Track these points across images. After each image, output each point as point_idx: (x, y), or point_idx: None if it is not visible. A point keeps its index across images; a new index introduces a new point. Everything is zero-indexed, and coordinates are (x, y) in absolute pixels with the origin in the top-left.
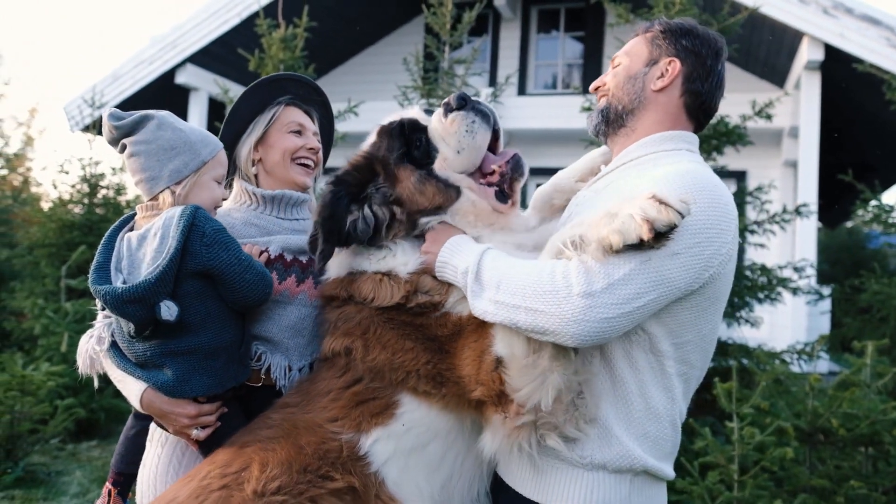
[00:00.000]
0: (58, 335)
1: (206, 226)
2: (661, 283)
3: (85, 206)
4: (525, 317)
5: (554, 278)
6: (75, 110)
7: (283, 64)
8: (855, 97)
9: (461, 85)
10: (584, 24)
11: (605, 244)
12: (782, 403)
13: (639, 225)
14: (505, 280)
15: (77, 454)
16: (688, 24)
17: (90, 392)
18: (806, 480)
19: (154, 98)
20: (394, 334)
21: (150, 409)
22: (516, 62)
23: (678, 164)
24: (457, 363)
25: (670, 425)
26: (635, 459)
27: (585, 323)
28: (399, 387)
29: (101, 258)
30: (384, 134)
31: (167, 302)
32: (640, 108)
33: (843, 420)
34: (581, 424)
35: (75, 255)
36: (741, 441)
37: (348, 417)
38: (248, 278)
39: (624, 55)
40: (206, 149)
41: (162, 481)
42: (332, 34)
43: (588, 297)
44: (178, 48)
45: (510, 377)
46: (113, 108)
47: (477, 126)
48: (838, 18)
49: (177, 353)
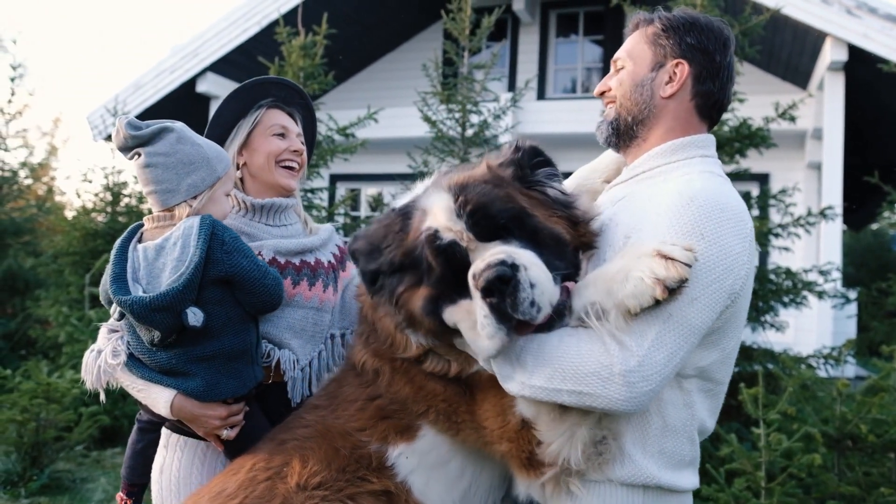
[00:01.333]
0: (82, 343)
1: (224, 234)
2: (688, 333)
3: (108, 214)
4: (569, 398)
5: (591, 360)
6: (98, 119)
7: (303, 72)
8: (880, 97)
9: (480, 90)
10: (603, 27)
11: (622, 311)
12: (809, 409)
13: (651, 287)
14: (539, 363)
15: (101, 461)
16: (690, 16)
17: (113, 399)
18: (835, 487)
19: (175, 107)
20: (419, 374)
21: (181, 414)
22: (535, 67)
23: (687, 184)
24: (479, 412)
25: (688, 440)
26: (649, 477)
27: (632, 399)
28: (420, 418)
29: (118, 269)
30: (430, 243)
31: (193, 308)
32: (651, 117)
33: (871, 426)
34: (605, 468)
35: (99, 263)
36: (768, 447)
37: (375, 429)
38: (267, 283)
39: (626, 57)
40: (220, 164)
41: (185, 484)
42: (350, 41)
43: (627, 376)
44: (198, 57)
45: (539, 433)
46: (131, 117)
47: (489, 324)
48: (862, 18)
49: (202, 358)
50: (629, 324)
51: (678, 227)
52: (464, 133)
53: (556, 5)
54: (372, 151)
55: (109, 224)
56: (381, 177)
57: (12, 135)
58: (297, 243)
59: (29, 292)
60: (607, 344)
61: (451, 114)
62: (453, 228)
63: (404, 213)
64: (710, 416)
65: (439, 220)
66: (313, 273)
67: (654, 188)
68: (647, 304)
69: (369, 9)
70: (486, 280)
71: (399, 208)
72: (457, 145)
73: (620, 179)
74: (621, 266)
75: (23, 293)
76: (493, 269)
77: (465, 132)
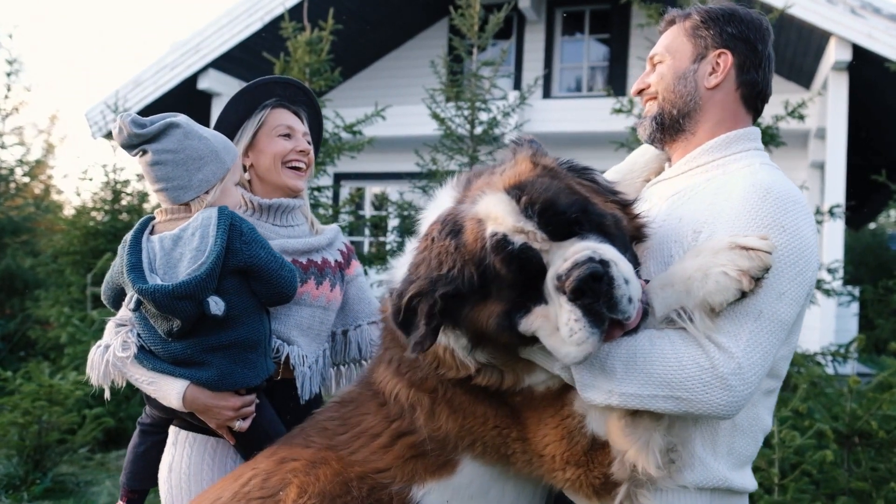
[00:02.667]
0: (84, 343)
1: (242, 225)
2: (780, 329)
3: (109, 213)
4: (665, 405)
5: (690, 364)
6: (98, 116)
7: (309, 67)
8: (883, 98)
9: (489, 87)
10: (610, 26)
11: (706, 310)
12: (819, 406)
13: (736, 280)
14: (631, 368)
15: (106, 463)
16: (728, 7)
17: (117, 401)
18: (845, 483)
19: (176, 104)
20: (466, 398)
21: (194, 406)
22: (541, 65)
23: (756, 176)
24: (535, 439)
25: (753, 439)
26: (720, 479)
27: (732, 404)
28: (464, 452)
29: (134, 259)
30: (499, 249)
31: (215, 297)
32: (697, 110)
33: (881, 422)
34: (676, 476)
35: (101, 262)
36: (782, 444)
37: (400, 469)
38: (284, 275)
39: (665, 52)
40: (228, 155)
41: (196, 481)
42: (355, 38)
43: (728, 379)
44: (200, 53)
45: (614, 445)
46: (134, 114)
47: (581, 328)
48: (866, 19)
49: (218, 347)
50: (717, 324)
51: (757, 220)
52: (472, 131)
53: (562, 3)
54: (377, 149)
55: (110, 223)
56: (386, 175)
57: (8, 132)
58: (304, 242)
59: (28, 292)
60: (704, 346)
61: (460, 111)
62: (524, 230)
63: (450, 231)
64: (768, 413)
65: (505, 223)
66: (320, 272)
67: (717, 181)
68: (733, 299)
69: (374, 5)
70: (577, 280)
71: (442, 229)
72: (465, 143)
73: (670, 174)
74: (699, 264)
75: (22, 293)
76: (583, 268)
77: (474, 130)
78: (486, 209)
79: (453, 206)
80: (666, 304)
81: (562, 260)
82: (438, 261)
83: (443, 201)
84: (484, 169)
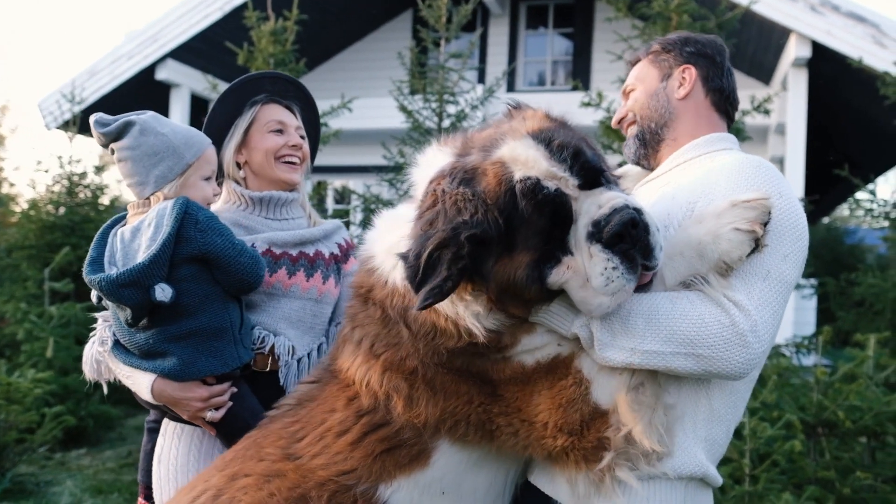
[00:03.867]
0: (42, 340)
1: (199, 213)
2: (786, 290)
3: (66, 206)
4: (685, 362)
5: (712, 321)
6: (53, 106)
7: (274, 58)
8: (841, 94)
9: (458, 80)
10: (573, 20)
11: (721, 269)
12: (786, 397)
13: (748, 232)
14: (653, 326)
15: (66, 463)
16: (682, 34)
17: (77, 399)
18: (811, 473)
19: (134, 94)
20: (449, 378)
21: (162, 398)
22: (505, 59)
23: (742, 156)
24: (525, 409)
25: (726, 430)
26: (697, 466)
27: (749, 362)
28: (444, 436)
29: (95, 253)
30: (532, 194)
31: (162, 284)
32: (673, 119)
33: (847, 412)
34: (657, 463)
35: (58, 257)
36: (753, 436)
37: (367, 468)
38: (242, 262)
39: (636, 81)
40: (189, 151)
41: (183, 473)
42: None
43: (746, 336)
44: (157, 43)
45: (621, 417)
46: (99, 114)
47: (619, 276)
48: (825, 16)
49: (178, 337)
50: (732, 282)
51: (753, 186)
52: (440, 124)
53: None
54: (345, 142)
55: (67, 216)
56: (350, 169)
57: None
58: (294, 234)
59: None
60: (723, 304)
61: (428, 104)
62: (557, 175)
63: (463, 179)
64: (743, 403)
65: (538, 166)
66: (311, 264)
67: (705, 166)
68: (748, 251)
69: None
70: (619, 225)
71: (452, 179)
72: (434, 136)
73: (657, 174)
74: (707, 229)
75: None
76: (623, 213)
77: (442, 123)
78: (513, 153)
79: (454, 160)
80: (677, 272)
81: (596, 207)
82: (457, 208)
83: (436, 159)
84: (480, 127)
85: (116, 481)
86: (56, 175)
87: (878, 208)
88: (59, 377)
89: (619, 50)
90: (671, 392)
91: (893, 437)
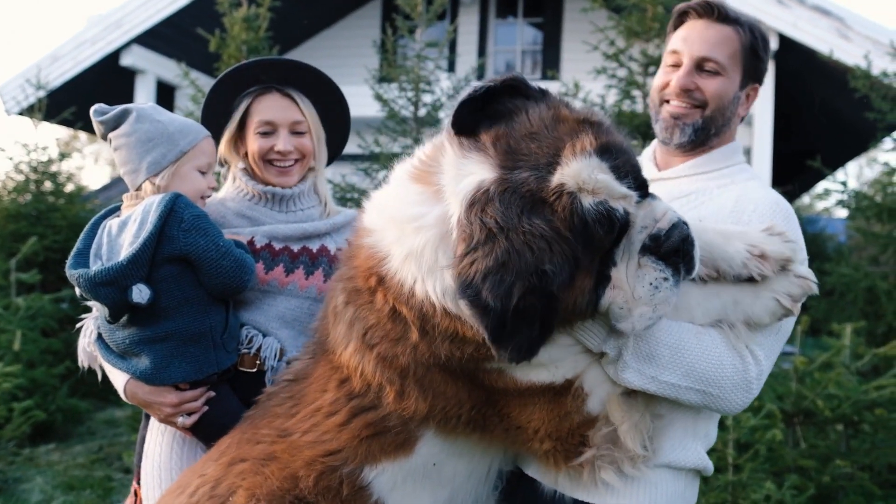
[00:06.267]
0: (9, 333)
1: (185, 212)
2: (783, 340)
3: (33, 194)
4: (693, 397)
5: (728, 366)
6: (16, 90)
7: (247, 45)
8: (806, 86)
9: (434, 69)
10: (542, 10)
11: (750, 324)
12: (765, 387)
13: (788, 308)
14: (676, 359)
15: (35, 459)
16: (765, 30)
17: (44, 392)
18: (791, 461)
19: (98, 80)
20: (441, 378)
21: (134, 400)
22: (475, 48)
23: (766, 191)
24: (518, 416)
25: (715, 424)
26: (699, 459)
27: (745, 405)
28: (431, 428)
29: (82, 245)
30: (607, 220)
31: (140, 285)
32: (725, 128)
33: (825, 401)
34: (641, 467)
35: (25, 247)
36: (737, 425)
37: (354, 450)
38: (224, 265)
39: (727, 64)
40: (184, 139)
41: (166, 469)
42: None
43: (752, 383)
44: (122, 28)
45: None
46: (99, 105)
47: (668, 287)
48: (791, 8)
49: (153, 339)
50: (755, 334)
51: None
52: (416, 112)
53: None
54: None
55: (34, 205)
56: None
57: None
58: (298, 228)
59: None
60: (741, 351)
61: (403, 93)
62: (625, 196)
63: (526, 208)
64: None
65: (609, 191)
66: (312, 261)
67: (730, 191)
68: (777, 321)
69: None
70: (678, 240)
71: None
72: (409, 125)
73: (670, 175)
74: (750, 287)
75: None
76: (680, 229)
77: (418, 112)
78: (579, 178)
79: (499, 175)
80: (709, 314)
81: (652, 220)
82: (532, 251)
83: (468, 167)
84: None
85: (88, 477)
86: (20, 162)
87: (848, 198)
88: (27, 370)
89: (595, 41)
90: (662, 405)
91: (869, 426)
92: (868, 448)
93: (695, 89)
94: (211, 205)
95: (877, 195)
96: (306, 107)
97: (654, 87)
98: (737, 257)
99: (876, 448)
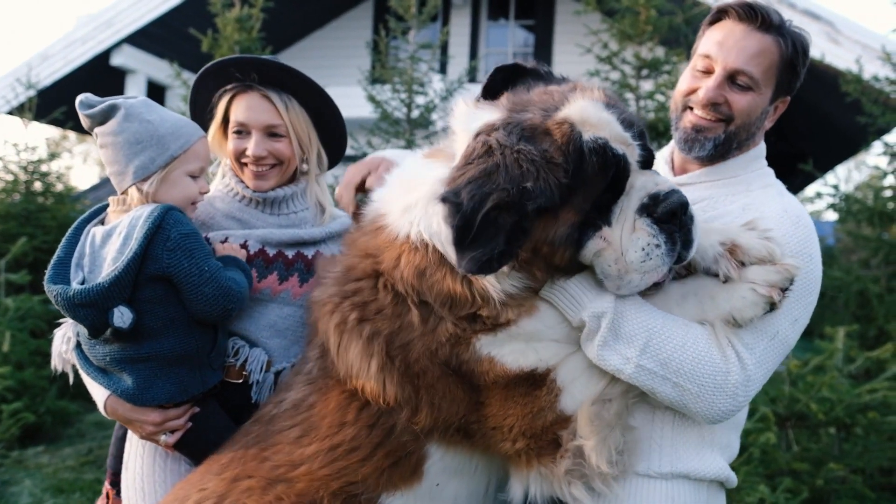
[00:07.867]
0: None
1: (172, 230)
2: (784, 351)
3: (22, 194)
4: (671, 390)
5: (709, 362)
6: (6, 89)
7: (239, 45)
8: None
9: (427, 70)
10: (534, 13)
11: (728, 321)
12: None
13: (766, 296)
14: (655, 344)
15: (24, 461)
16: (807, 40)
17: (33, 394)
18: (785, 464)
19: (89, 80)
20: (448, 382)
21: (115, 416)
22: (467, 49)
23: (780, 199)
24: (496, 414)
25: (737, 434)
26: (720, 470)
27: (728, 412)
28: (434, 441)
29: (63, 253)
30: (602, 153)
31: (122, 308)
32: (750, 140)
33: (818, 404)
34: (611, 483)
35: (15, 247)
36: None
37: (375, 481)
38: (205, 291)
39: (761, 80)
40: (176, 142)
41: (149, 481)
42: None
43: (735, 388)
44: (113, 28)
45: (579, 429)
46: (86, 95)
47: (659, 255)
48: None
49: (136, 359)
50: (739, 333)
51: (789, 245)
52: (409, 114)
53: None
54: None
55: (23, 204)
56: None
57: None
58: (293, 234)
59: None
60: (725, 351)
61: (396, 94)
62: (627, 142)
63: (523, 136)
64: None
65: (611, 130)
66: (307, 268)
67: (742, 198)
68: (761, 314)
69: None
70: (675, 203)
71: (509, 133)
72: (402, 126)
73: (685, 181)
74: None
75: None
76: (679, 195)
77: (411, 113)
78: (583, 113)
79: (506, 114)
80: (687, 314)
81: (653, 183)
82: (520, 168)
83: (479, 114)
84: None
85: (78, 480)
86: (9, 162)
87: (839, 202)
88: (16, 372)
89: (588, 43)
90: (635, 416)
91: (862, 429)
92: (861, 451)
93: (723, 103)
94: (200, 204)
95: (868, 199)
96: (287, 110)
97: (679, 90)
98: (710, 251)
99: (869, 451)
